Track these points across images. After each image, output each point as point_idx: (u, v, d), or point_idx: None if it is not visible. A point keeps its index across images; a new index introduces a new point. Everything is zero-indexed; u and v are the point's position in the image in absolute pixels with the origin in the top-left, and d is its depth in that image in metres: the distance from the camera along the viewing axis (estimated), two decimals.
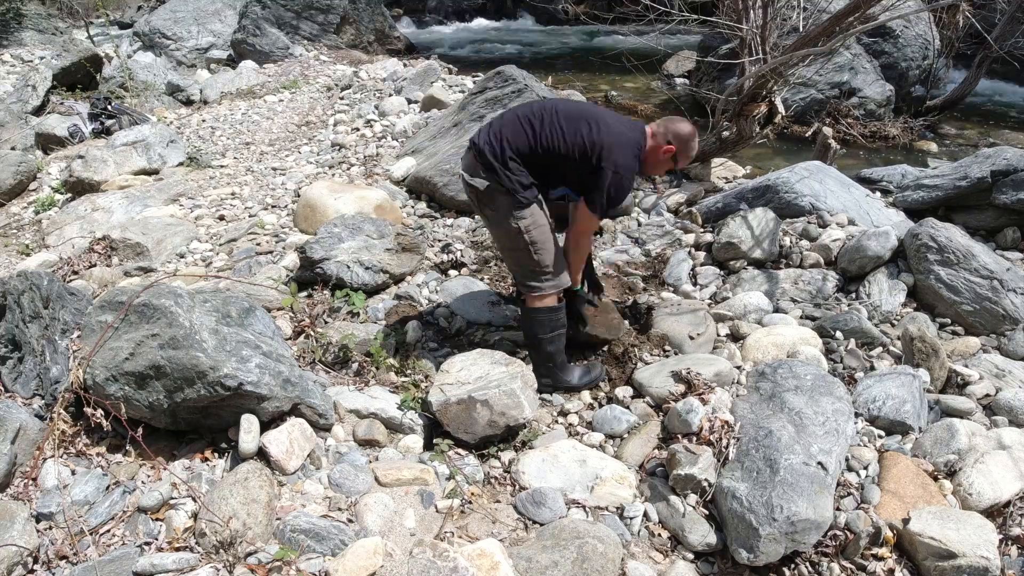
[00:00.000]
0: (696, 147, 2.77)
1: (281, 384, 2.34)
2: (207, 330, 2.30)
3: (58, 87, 7.35)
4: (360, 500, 2.22)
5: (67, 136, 6.28)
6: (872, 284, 3.42)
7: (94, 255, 3.89)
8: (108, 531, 2.09)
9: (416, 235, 3.92)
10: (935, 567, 2.07)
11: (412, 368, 2.94)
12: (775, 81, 4.19)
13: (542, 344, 2.81)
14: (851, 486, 2.33)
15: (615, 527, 2.23)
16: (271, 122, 6.71)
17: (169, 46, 9.84)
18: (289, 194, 4.80)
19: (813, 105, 6.88)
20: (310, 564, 1.92)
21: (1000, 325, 3.17)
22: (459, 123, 5.05)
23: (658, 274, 3.80)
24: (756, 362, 2.93)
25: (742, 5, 4.31)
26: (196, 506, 2.10)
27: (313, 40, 9.78)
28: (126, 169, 5.27)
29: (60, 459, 2.27)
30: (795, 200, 3.97)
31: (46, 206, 5.13)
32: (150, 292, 2.40)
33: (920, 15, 6.90)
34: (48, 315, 2.60)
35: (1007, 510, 2.29)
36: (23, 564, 1.93)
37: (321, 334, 3.06)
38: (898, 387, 2.68)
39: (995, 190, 3.92)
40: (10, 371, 2.59)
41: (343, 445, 2.48)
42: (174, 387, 2.22)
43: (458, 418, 2.52)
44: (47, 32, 10.51)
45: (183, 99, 7.95)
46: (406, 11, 13.98)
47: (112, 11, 13.15)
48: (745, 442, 2.35)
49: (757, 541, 2.06)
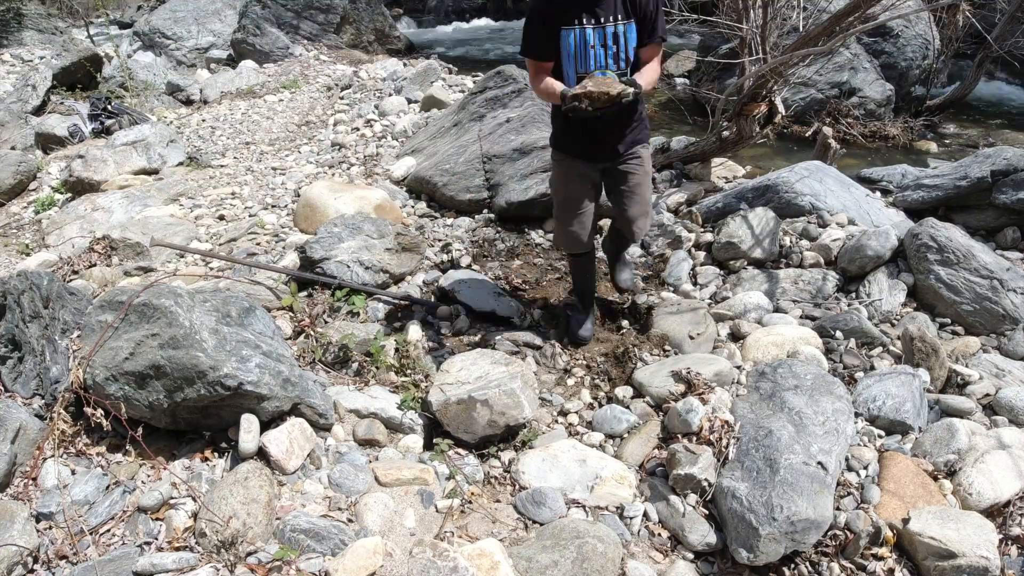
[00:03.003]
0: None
1: (281, 384, 2.34)
2: (207, 330, 2.30)
3: (58, 87, 7.34)
4: (360, 500, 2.22)
5: (67, 136, 6.27)
6: (872, 284, 3.42)
7: (94, 255, 3.89)
8: (108, 531, 2.09)
9: (416, 235, 3.92)
10: (935, 567, 2.07)
11: (412, 368, 2.94)
12: (775, 81, 4.19)
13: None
14: (851, 486, 2.33)
15: (615, 527, 2.23)
16: (271, 122, 6.71)
17: (169, 46, 9.83)
18: (289, 194, 4.79)
19: (813, 105, 6.87)
20: (310, 564, 1.92)
21: (1000, 325, 3.17)
22: (459, 123, 5.05)
23: (658, 274, 3.80)
24: (756, 362, 2.93)
25: (742, 5, 4.30)
26: (196, 506, 2.11)
27: (313, 40, 9.77)
28: (126, 169, 5.27)
29: (60, 459, 2.27)
30: (795, 200, 3.97)
31: (46, 206, 5.13)
32: (150, 292, 2.41)
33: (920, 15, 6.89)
34: (48, 315, 2.60)
35: (1007, 510, 2.29)
36: (23, 564, 1.93)
37: (321, 334, 3.06)
38: (898, 387, 2.68)
39: (995, 190, 3.91)
40: (10, 371, 2.59)
41: (343, 445, 2.48)
42: (174, 387, 2.22)
43: (458, 418, 2.52)
44: (47, 32, 10.50)
45: (183, 99, 7.94)
46: (406, 11, 13.97)
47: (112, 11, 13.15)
48: (745, 442, 2.35)
49: (757, 541, 2.06)
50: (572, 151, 2.85)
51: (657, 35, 2.64)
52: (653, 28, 2.63)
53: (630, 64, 2.64)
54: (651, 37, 2.63)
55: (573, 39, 2.57)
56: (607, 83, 2.42)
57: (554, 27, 2.56)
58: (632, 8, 2.58)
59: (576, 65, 2.59)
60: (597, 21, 2.55)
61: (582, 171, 2.87)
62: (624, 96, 2.43)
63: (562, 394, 2.92)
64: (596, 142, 2.79)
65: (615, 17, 2.56)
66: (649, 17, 2.60)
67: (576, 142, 2.83)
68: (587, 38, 2.56)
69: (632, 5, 2.57)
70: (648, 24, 2.61)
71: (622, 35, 2.58)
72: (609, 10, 2.56)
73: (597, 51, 2.58)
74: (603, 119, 2.66)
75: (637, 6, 2.57)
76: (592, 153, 2.83)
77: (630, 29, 2.59)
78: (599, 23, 2.55)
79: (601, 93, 2.38)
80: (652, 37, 2.64)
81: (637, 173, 2.87)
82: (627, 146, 2.83)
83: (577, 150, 2.84)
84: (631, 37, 2.60)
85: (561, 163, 2.90)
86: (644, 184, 2.93)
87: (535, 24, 2.60)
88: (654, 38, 2.64)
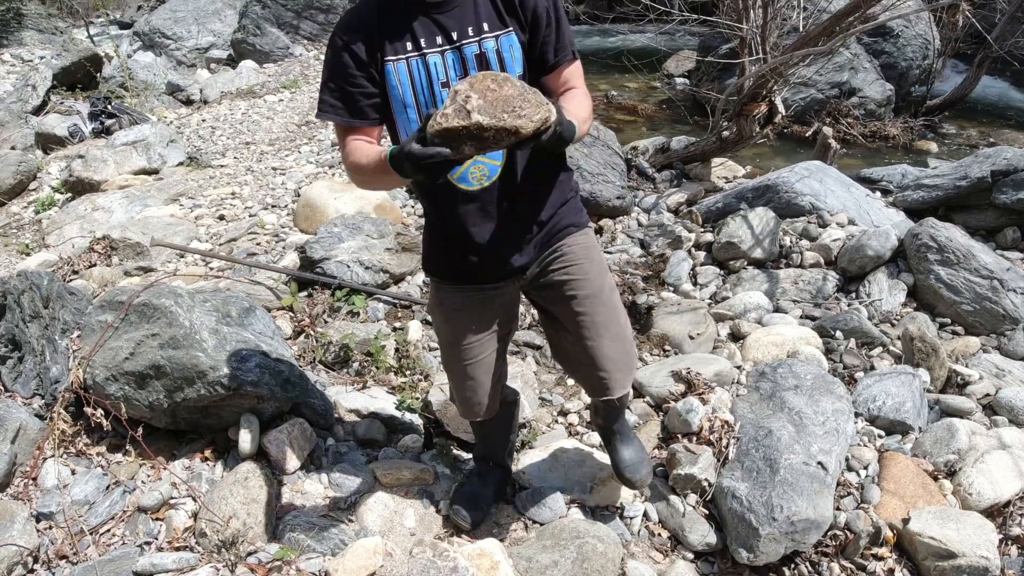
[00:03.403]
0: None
1: (281, 384, 2.34)
2: (207, 330, 2.30)
3: (58, 87, 7.34)
4: (360, 500, 2.22)
5: (67, 136, 6.27)
6: (872, 284, 3.42)
7: (94, 255, 3.89)
8: (108, 531, 2.09)
9: (416, 235, 3.92)
10: (935, 567, 2.07)
11: (412, 368, 2.94)
12: (775, 81, 4.19)
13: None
14: (851, 486, 2.33)
15: (615, 527, 2.23)
16: (271, 122, 6.71)
17: (169, 46, 9.83)
18: (289, 194, 4.80)
19: (813, 105, 6.87)
20: (310, 564, 1.92)
21: (1000, 325, 3.17)
22: None
23: (658, 274, 3.80)
24: (756, 362, 2.93)
25: (742, 5, 4.31)
26: (196, 506, 2.11)
27: (313, 40, 9.77)
28: (126, 169, 5.27)
29: (60, 459, 2.27)
30: (795, 200, 3.97)
31: (46, 206, 5.12)
32: (150, 292, 2.41)
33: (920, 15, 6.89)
34: (48, 315, 2.60)
35: (1007, 510, 2.29)
36: (23, 564, 1.93)
37: (321, 334, 3.06)
38: (898, 387, 2.68)
39: (995, 190, 3.92)
40: (10, 371, 2.59)
41: (343, 445, 2.48)
42: (174, 387, 2.22)
43: (458, 418, 2.52)
44: (47, 32, 10.50)
45: (183, 99, 7.94)
46: None
47: (112, 11, 13.14)
48: (745, 442, 2.35)
49: (757, 541, 2.06)
50: (451, 271, 1.76)
51: (568, 49, 1.60)
52: (558, 38, 1.57)
53: None
54: (558, 54, 1.58)
55: (408, 76, 1.52)
56: (509, 99, 1.27)
57: (371, 61, 1.52)
58: (509, 9, 1.54)
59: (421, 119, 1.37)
60: (447, 39, 1.52)
61: (474, 301, 1.78)
62: (545, 128, 1.29)
63: (562, 394, 2.92)
64: (490, 243, 1.65)
65: (477, 29, 1.52)
66: (543, 20, 1.55)
67: (452, 252, 1.71)
68: (432, 70, 1.52)
69: (508, 5, 1.54)
70: (544, 32, 1.56)
71: (494, 55, 1.52)
72: (465, 19, 1.52)
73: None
74: (490, 190, 1.60)
75: (517, 5, 1.54)
76: (485, 266, 1.70)
77: (509, 44, 1.54)
78: (450, 42, 1.52)
79: (500, 127, 1.25)
80: (560, 53, 1.59)
81: (581, 280, 1.74)
82: (547, 238, 1.71)
83: (459, 268, 1.73)
84: (515, 56, 1.54)
85: (438, 292, 1.83)
86: (599, 297, 1.77)
87: (339, 65, 1.53)
88: (563, 54, 1.59)
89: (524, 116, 1.25)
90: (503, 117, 1.24)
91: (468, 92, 1.24)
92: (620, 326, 1.84)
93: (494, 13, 1.53)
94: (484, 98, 1.24)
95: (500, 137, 1.26)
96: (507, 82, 1.27)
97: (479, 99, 1.24)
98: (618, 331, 1.82)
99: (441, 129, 1.24)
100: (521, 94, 1.27)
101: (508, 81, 1.27)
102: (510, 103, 1.25)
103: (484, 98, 1.24)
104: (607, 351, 1.81)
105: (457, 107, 1.23)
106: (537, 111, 1.26)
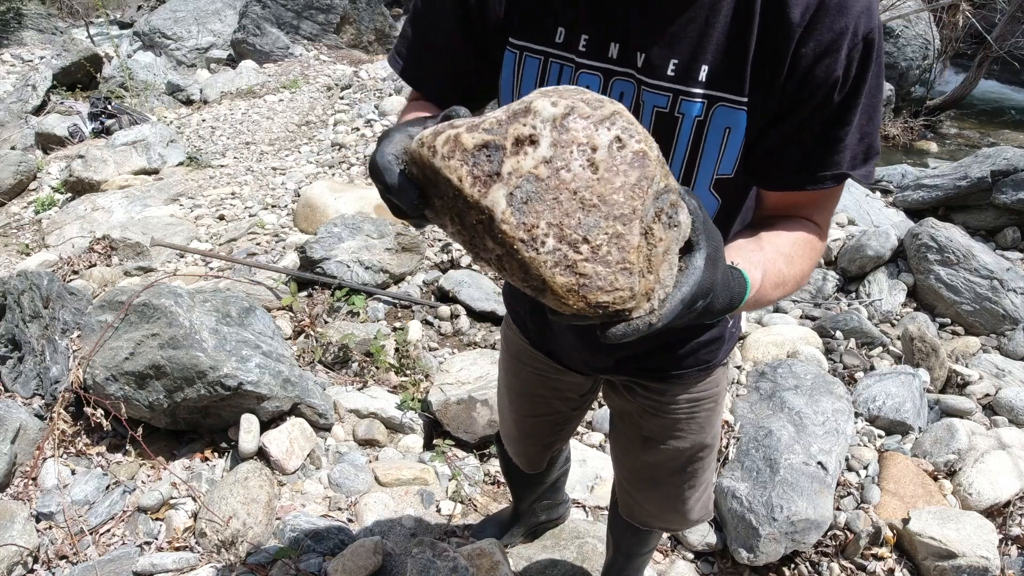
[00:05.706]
0: None
1: (281, 384, 2.34)
2: (207, 330, 2.30)
3: (58, 87, 7.34)
4: (360, 500, 2.22)
5: (67, 136, 6.27)
6: (872, 284, 3.43)
7: (94, 255, 3.89)
8: (108, 531, 2.09)
9: (416, 235, 3.92)
10: (935, 567, 2.07)
11: (412, 368, 2.94)
12: None
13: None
14: (851, 486, 2.33)
15: None
16: (271, 122, 6.71)
17: (169, 46, 9.82)
18: (289, 194, 4.80)
19: None
20: (310, 564, 1.92)
21: (1000, 325, 3.17)
22: None
23: None
24: (756, 362, 2.93)
25: None
26: (196, 506, 2.11)
27: (313, 40, 9.77)
28: (126, 169, 5.27)
29: (60, 459, 2.27)
30: None
31: (46, 206, 5.13)
32: (150, 292, 2.41)
33: (920, 15, 6.89)
34: (48, 315, 2.60)
35: (1007, 510, 2.29)
36: (23, 564, 1.93)
37: (321, 334, 3.06)
38: (898, 387, 2.68)
39: (995, 190, 3.92)
40: (10, 371, 2.59)
41: (343, 445, 2.48)
42: (174, 387, 2.22)
43: (458, 418, 2.52)
44: (47, 32, 10.50)
45: (183, 99, 7.94)
46: (406, 11, 13.99)
47: (112, 11, 13.14)
48: (745, 442, 2.35)
49: (757, 541, 2.06)
50: (518, 321, 1.30)
51: (842, 167, 0.82)
52: (833, 143, 0.81)
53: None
54: (814, 169, 0.83)
55: (535, 83, 0.89)
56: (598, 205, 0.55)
57: (486, 33, 0.91)
58: (765, 58, 0.78)
59: None
60: (625, 57, 0.83)
61: (540, 371, 1.32)
62: (615, 312, 0.57)
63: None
64: (564, 332, 1.16)
65: (687, 67, 0.81)
66: (825, 106, 0.79)
67: (519, 304, 1.27)
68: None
69: (772, 51, 0.78)
70: (812, 127, 0.81)
71: (690, 129, 0.83)
72: (683, 37, 0.80)
73: None
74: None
75: (786, 59, 0.77)
76: (550, 348, 1.25)
77: (727, 126, 0.82)
78: (629, 64, 0.84)
79: (522, 259, 0.56)
80: (818, 169, 0.83)
81: (683, 431, 1.21)
82: (650, 362, 1.14)
83: (525, 324, 1.28)
84: (725, 147, 0.84)
85: (505, 326, 1.40)
86: (693, 455, 1.25)
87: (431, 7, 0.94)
88: (823, 179, 0.84)
89: (587, 270, 0.55)
90: (544, 244, 0.55)
91: (539, 130, 0.56)
92: (698, 486, 1.31)
93: (736, 54, 0.79)
94: (557, 167, 0.55)
95: (513, 268, 0.58)
96: (643, 159, 0.57)
97: (544, 165, 0.55)
98: (679, 501, 1.32)
99: (419, 157, 0.62)
100: (634, 209, 0.56)
101: (644, 157, 0.57)
102: (594, 215, 0.55)
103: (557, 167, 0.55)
104: (658, 508, 1.38)
105: (488, 152, 0.56)
106: (628, 278, 0.56)
